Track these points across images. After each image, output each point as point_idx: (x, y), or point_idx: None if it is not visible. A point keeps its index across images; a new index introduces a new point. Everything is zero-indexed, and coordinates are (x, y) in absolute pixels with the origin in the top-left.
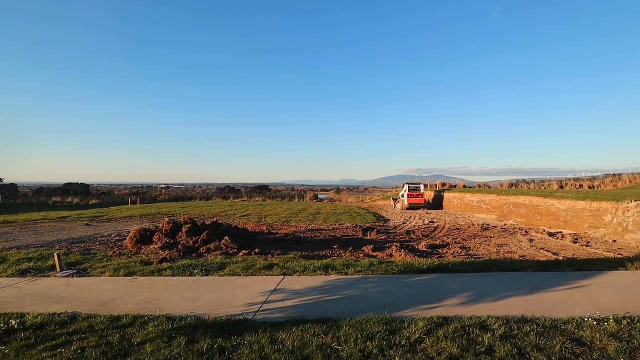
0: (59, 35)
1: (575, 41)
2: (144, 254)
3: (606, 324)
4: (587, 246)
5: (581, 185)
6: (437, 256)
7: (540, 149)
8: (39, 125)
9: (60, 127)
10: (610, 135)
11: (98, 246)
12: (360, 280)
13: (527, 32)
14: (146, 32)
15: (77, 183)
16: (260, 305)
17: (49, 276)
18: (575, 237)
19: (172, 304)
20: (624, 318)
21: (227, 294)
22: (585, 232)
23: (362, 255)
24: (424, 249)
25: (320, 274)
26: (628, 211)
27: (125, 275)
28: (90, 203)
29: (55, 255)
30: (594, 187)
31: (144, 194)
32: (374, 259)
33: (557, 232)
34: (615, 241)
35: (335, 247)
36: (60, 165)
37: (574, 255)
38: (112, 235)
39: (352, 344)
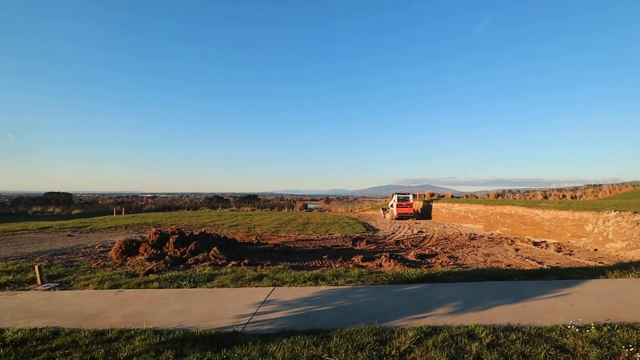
0: (46, 46)
1: (557, 56)
2: (129, 265)
3: (588, 331)
4: (570, 255)
5: (564, 196)
6: (425, 266)
7: (525, 160)
8: (18, 132)
9: (41, 135)
10: (591, 147)
11: (81, 257)
12: (350, 291)
13: (511, 47)
14: (137, 42)
15: (59, 192)
16: (249, 317)
17: (29, 289)
18: (559, 246)
19: (159, 317)
20: (605, 325)
21: (216, 305)
22: (568, 241)
23: (351, 265)
24: (413, 259)
25: (310, 285)
26: (608, 221)
27: (110, 288)
28: (73, 213)
29: (36, 267)
30: (576, 197)
31: (129, 204)
32: (363, 269)
33: (542, 241)
34: (596, 250)
35: (324, 257)
36: (40, 173)
37: (557, 263)
38: (96, 246)
39: (343, 355)
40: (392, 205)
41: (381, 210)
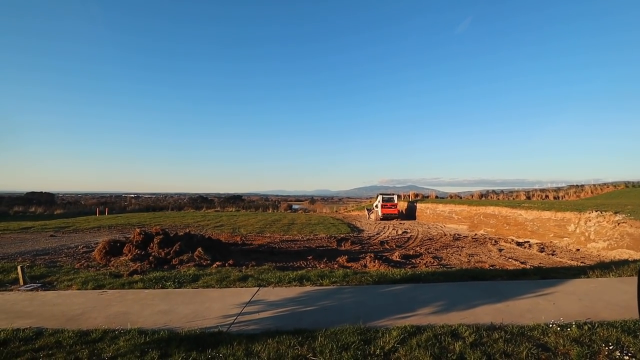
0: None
1: (535, 60)
2: (113, 265)
3: (569, 329)
4: (552, 255)
5: (547, 196)
6: (410, 266)
7: (508, 161)
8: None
9: (23, 133)
10: (573, 148)
11: (64, 258)
12: (335, 291)
13: (494, 49)
14: (128, 41)
15: (41, 192)
16: (235, 317)
17: (12, 290)
18: (542, 246)
19: (143, 317)
20: (585, 324)
21: (201, 306)
22: (551, 241)
23: (336, 265)
24: (398, 259)
25: (295, 285)
26: (589, 221)
27: (93, 288)
28: (55, 213)
29: (19, 267)
30: (558, 198)
31: (112, 204)
32: (348, 270)
33: (525, 242)
34: (578, 250)
35: (309, 257)
36: (22, 172)
37: (540, 263)
38: (79, 247)
39: (328, 355)
40: (376, 206)
41: (366, 211)
